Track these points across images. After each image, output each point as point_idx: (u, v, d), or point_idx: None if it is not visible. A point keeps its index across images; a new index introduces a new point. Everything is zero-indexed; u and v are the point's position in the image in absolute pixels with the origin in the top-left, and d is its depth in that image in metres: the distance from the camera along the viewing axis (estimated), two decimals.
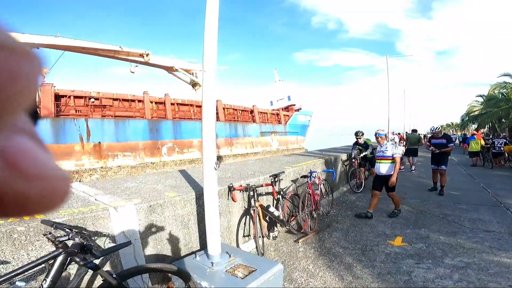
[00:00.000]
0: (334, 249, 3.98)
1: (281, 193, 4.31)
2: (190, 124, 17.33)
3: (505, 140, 12.49)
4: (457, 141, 23.52)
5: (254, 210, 3.56)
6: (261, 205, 3.70)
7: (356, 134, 8.01)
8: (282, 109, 27.95)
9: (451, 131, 31.72)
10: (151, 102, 16.39)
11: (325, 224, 4.99)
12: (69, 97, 13.71)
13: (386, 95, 13.49)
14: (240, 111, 21.68)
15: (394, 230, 4.64)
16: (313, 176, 5.15)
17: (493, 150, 12.31)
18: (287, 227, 4.29)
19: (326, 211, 5.64)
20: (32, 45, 15.06)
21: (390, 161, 5.19)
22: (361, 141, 7.81)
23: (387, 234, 4.47)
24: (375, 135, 5.55)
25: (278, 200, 4.33)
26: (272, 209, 3.98)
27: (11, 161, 0.16)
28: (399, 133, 20.29)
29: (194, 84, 23.78)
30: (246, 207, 3.89)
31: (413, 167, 11.24)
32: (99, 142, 13.37)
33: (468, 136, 18.14)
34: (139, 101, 15.91)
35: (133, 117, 15.24)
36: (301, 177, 4.94)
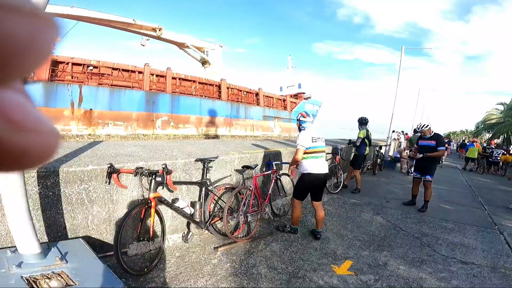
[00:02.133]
0: (257, 269, 2.95)
1: (207, 185, 3.28)
2: (189, 99, 16.38)
3: (503, 151, 13.05)
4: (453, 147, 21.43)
5: (141, 202, 2.57)
6: (158, 197, 2.68)
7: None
8: (291, 96, 26.52)
9: (464, 138, 29.14)
10: (152, 74, 15.47)
11: (269, 230, 3.95)
12: (67, 63, 13.00)
13: (400, 90, 11.96)
14: (245, 93, 20.49)
15: (348, 250, 3.54)
16: (273, 166, 4.12)
17: (490, 159, 13.00)
18: (203, 228, 3.26)
19: (282, 213, 4.59)
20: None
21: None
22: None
23: (337, 255, 3.38)
24: None
25: (207, 194, 3.32)
26: (181, 203, 2.96)
27: (4, 113, 0.16)
28: (406, 133, 18.65)
29: (204, 62, 22.71)
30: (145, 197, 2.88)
31: (412, 169, 9.86)
32: (91, 109, 12.67)
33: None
34: (140, 72, 15.01)
35: (130, 87, 14.42)
36: (242, 167, 3.85)
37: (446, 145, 19.17)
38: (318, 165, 3.61)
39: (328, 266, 3.12)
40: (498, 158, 12.59)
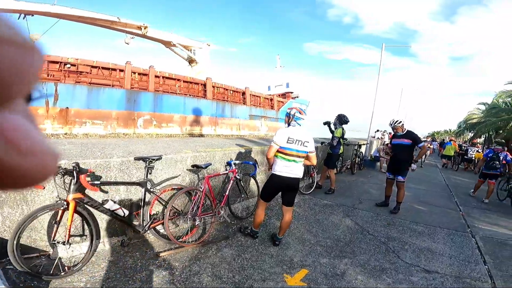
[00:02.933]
0: (199, 277, 2.61)
1: (148, 185, 2.93)
2: (173, 98, 15.96)
3: (477, 149, 13.86)
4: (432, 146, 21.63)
5: (55, 204, 2.24)
6: (79, 199, 2.33)
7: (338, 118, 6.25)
8: (279, 95, 26.34)
9: (447, 138, 29.12)
10: (134, 72, 14.98)
11: (225, 234, 3.61)
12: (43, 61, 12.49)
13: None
14: (231, 92, 20.15)
15: (306, 257, 3.22)
16: (232, 166, 3.78)
17: (465, 156, 13.88)
18: (141, 232, 2.91)
19: (245, 215, 4.26)
20: (27, 12, 14.02)
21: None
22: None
23: (293, 263, 3.06)
24: None
25: (148, 195, 2.98)
26: (111, 205, 2.60)
27: (6, 135, 0.17)
28: (390, 133, 18.54)
29: (191, 61, 22.29)
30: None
31: None
32: (67, 108, 12.17)
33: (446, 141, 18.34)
34: (121, 70, 14.52)
35: (111, 85, 13.93)
36: (192, 166, 3.50)
37: (429, 145, 19.24)
38: (288, 168, 3.22)
39: (280, 275, 2.80)
40: (473, 155, 13.57)
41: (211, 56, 23.18)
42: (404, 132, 5.13)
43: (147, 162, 2.92)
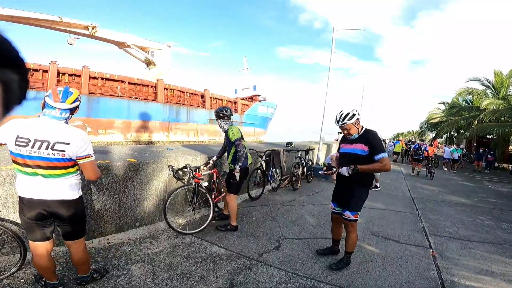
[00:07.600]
0: None
1: None
2: (113, 101, 13.27)
3: (423, 146, 13.85)
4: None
5: None
6: None
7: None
8: (246, 98, 24.05)
9: (411, 139, 27.39)
10: (63, 73, 12.20)
11: None
12: None
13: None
14: (188, 94, 17.63)
15: None
16: None
17: (409, 152, 15.15)
18: None
19: None
20: None
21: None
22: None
23: None
24: None
25: None
26: None
27: None
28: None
29: (148, 63, 19.66)
30: None
31: None
32: None
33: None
34: (45, 71, 11.72)
35: (30, 88, 11.05)
36: None
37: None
38: (31, 185, 1.75)
39: None
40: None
41: (179, 59, 20.90)
42: (361, 133, 2.70)
43: None
